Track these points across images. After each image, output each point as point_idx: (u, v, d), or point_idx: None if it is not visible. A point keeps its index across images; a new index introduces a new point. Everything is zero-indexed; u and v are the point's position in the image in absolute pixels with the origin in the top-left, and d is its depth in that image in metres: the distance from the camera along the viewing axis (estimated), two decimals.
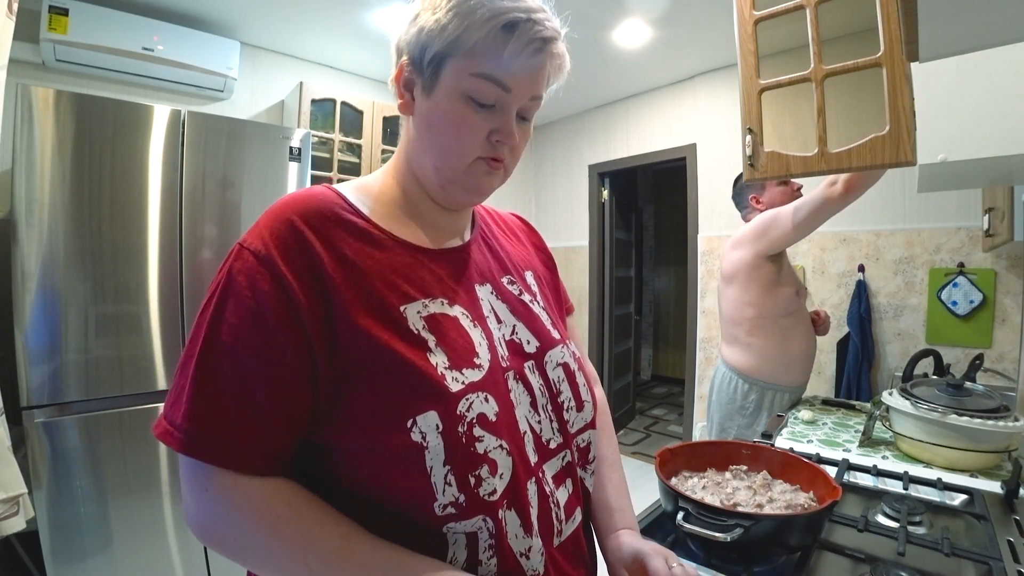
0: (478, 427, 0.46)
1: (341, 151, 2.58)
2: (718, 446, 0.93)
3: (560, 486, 0.55)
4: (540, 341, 0.58)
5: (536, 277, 0.66)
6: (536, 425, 0.53)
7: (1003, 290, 2.01)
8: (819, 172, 1.25)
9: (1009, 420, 1.03)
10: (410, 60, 0.50)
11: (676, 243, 5.04)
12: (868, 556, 0.73)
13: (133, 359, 1.61)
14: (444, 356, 0.47)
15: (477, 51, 0.47)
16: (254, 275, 0.44)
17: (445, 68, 0.48)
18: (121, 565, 1.58)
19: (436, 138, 0.51)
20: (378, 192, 0.55)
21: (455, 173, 0.52)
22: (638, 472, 3.06)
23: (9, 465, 1.18)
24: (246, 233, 0.47)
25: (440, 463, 0.43)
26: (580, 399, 0.59)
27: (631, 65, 2.80)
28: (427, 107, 0.50)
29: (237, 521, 0.44)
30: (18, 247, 1.44)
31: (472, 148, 0.50)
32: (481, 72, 0.48)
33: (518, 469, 0.48)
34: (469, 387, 0.47)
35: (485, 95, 0.48)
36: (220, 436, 0.43)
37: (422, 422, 0.43)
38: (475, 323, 0.52)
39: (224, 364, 0.43)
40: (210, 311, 0.45)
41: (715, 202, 2.89)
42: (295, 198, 0.49)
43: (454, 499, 0.44)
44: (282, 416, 0.44)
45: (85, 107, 1.53)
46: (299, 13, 2.27)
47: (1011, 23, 0.52)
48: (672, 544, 0.77)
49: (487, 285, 0.57)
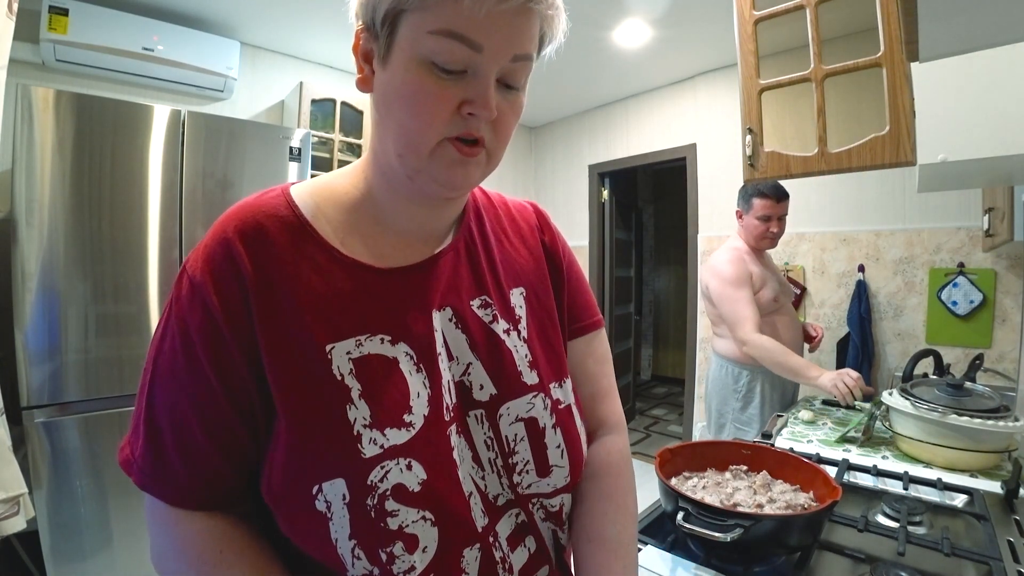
0: (391, 500, 0.40)
1: (341, 151, 2.58)
2: (718, 446, 0.93)
3: (517, 547, 0.48)
4: (499, 387, 0.48)
5: (529, 295, 0.53)
6: (480, 482, 0.46)
7: (1003, 290, 2.01)
8: (819, 172, 1.25)
9: (1009, 420, 1.03)
10: (364, 24, 0.41)
11: (676, 243, 5.04)
12: (868, 556, 0.73)
13: (133, 359, 1.61)
14: (366, 411, 0.41)
15: (439, 5, 0.37)
16: (187, 305, 0.41)
17: (400, 28, 0.38)
18: (121, 565, 1.58)
19: (394, 116, 0.41)
20: (341, 194, 0.47)
21: (419, 159, 0.41)
22: (638, 472, 3.01)
23: (9, 465, 1.18)
24: (192, 251, 0.44)
25: (345, 537, 0.39)
26: (547, 464, 0.48)
27: (631, 65, 2.80)
28: (383, 80, 0.41)
29: (179, 560, 0.42)
30: (18, 247, 1.44)
31: (435, 126, 0.39)
32: (441, 28, 0.37)
33: (451, 539, 0.42)
34: (388, 452, 0.41)
35: (450, 57, 0.38)
36: (164, 473, 0.42)
37: (328, 489, 0.39)
38: (419, 366, 0.44)
39: (163, 398, 0.42)
40: (156, 340, 0.43)
41: (715, 202, 2.89)
42: (240, 211, 0.44)
43: (367, 571, 0.40)
44: (221, 452, 0.41)
45: (85, 107, 1.53)
46: (299, 13, 2.27)
47: (1011, 23, 0.52)
48: (672, 544, 0.77)
49: (447, 309, 0.47)
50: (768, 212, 1.73)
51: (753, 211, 1.75)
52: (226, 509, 0.44)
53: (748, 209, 1.78)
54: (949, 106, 0.89)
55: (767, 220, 1.74)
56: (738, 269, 1.71)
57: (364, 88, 0.43)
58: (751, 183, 1.72)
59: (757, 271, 1.75)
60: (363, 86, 0.43)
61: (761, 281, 1.75)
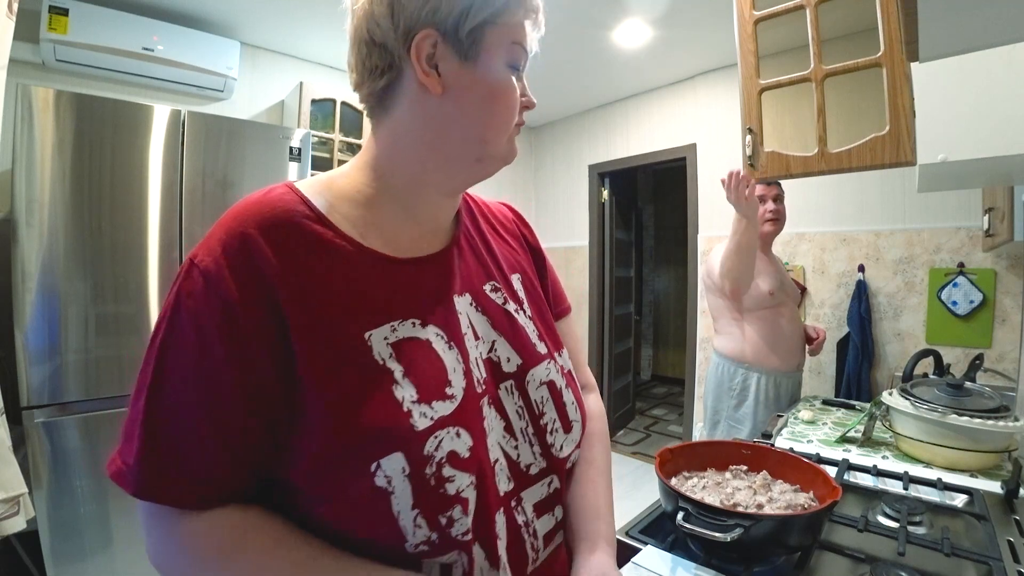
0: (448, 466, 0.42)
1: (341, 151, 2.58)
2: (718, 446, 0.93)
3: (544, 514, 0.52)
4: (522, 358, 0.54)
5: (524, 280, 0.61)
6: (512, 451, 0.50)
7: (1003, 290, 2.01)
8: (819, 172, 1.25)
9: (1009, 420, 1.03)
10: (439, 30, 0.45)
11: (676, 243, 5.04)
12: (868, 556, 0.73)
13: (133, 359, 1.61)
14: (412, 388, 0.43)
15: (515, 22, 0.48)
16: (201, 301, 0.40)
17: (486, 35, 0.46)
18: (121, 565, 1.58)
19: (486, 109, 0.48)
20: (353, 192, 0.49)
21: (501, 140, 0.50)
22: (638, 472, 3.06)
23: (9, 465, 1.18)
24: (198, 246, 0.43)
25: (408, 507, 0.40)
26: (567, 420, 0.55)
27: (631, 65, 2.80)
28: (471, 79, 0.47)
29: (187, 557, 0.42)
30: (18, 247, 1.44)
31: (516, 115, 0.50)
32: (517, 39, 0.48)
33: (486, 502, 0.45)
34: (438, 423, 0.43)
35: (520, 62, 0.49)
36: (168, 478, 0.40)
37: (387, 465, 0.40)
38: (450, 344, 0.48)
39: (170, 401, 0.40)
40: (159, 339, 0.41)
41: (715, 202, 2.89)
42: (252, 206, 0.44)
43: (426, 538, 0.42)
44: (232, 456, 0.41)
45: (85, 107, 1.53)
46: (299, 13, 2.27)
47: (1011, 23, 0.52)
48: (672, 544, 0.77)
49: (467, 295, 0.52)
50: (761, 193, 1.78)
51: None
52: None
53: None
54: (949, 106, 0.89)
55: (763, 201, 1.79)
56: None
57: (435, 90, 0.46)
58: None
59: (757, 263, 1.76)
60: (436, 90, 0.46)
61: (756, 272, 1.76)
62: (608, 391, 3.59)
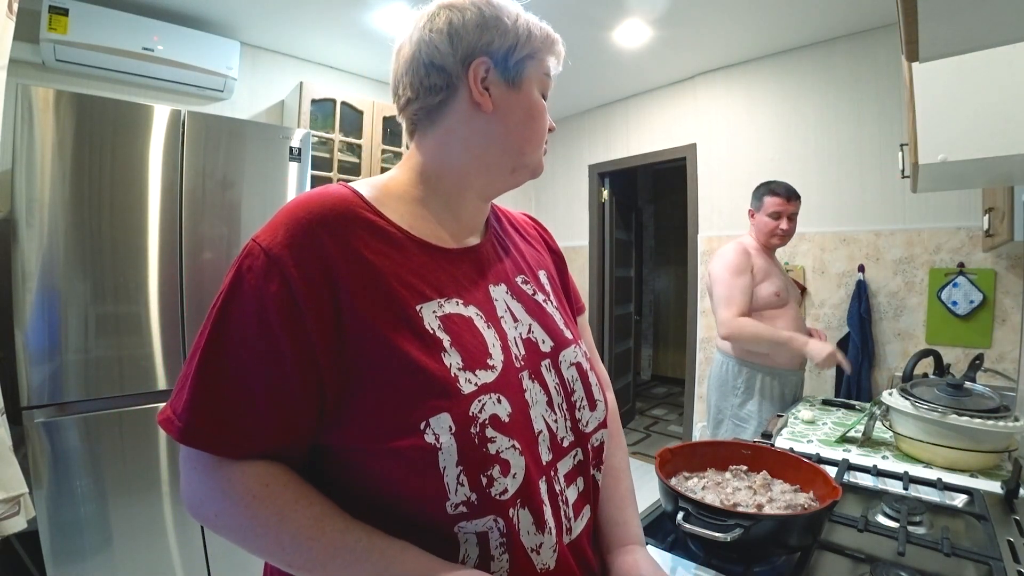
0: (490, 428, 0.47)
1: (341, 151, 2.58)
2: (718, 446, 0.93)
3: (571, 484, 0.56)
4: (554, 340, 0.60)
5: (549, 277, 0.68)
6: (553, 424, 0.55)
7: (1003, 290, 2.01)
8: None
9: (1009, 420, 1.03)
10: (492, 59, 0.55)
11: (676, 243, 5.04)
12: (868, 556, 0.73)
13: (133, 359, 1.61)
14: (458, 357, 0.48)
15: (546, 57, 0.59)
16: (262, 276, 0.44)
17: (527, 67, 0.56)
18: (121, 565, 1.58)
19: (527, 126, 0.57)
20: (401, 192, 0.56)
21: (536, 153, 0.59)
22: (638, 472, 3.04)
23: (9, 465, 1.18)
24: (261, 230, 0.48)
25: (453, 463, 0.44)
26: (593, 398, 0.61)
27: (631, 65, 2.80)
28: (514, 100, 0.56)
29: (220, 501, 0.46)
30: (18, 247, 1.44)
31: (546, 133, 0.60)
32: (548, 72, 0.59)
33: (530, 469, 0.49)
34: (481, 388, 0.48)
35: (547, 90, 0.60)
36: (215, 428, 0.45)
37: (435, 423, 0.44)
38: (488, 323, 0.53)
39: (225, 361, 0.45)
40: (218, 306, 0.46)
41: (715, 202, 2.89)
42: (313, 197, 0.49)
43: (466, 498, 0.45)
44: (280, 418, 0.45)
45: (85, 107, 1.53)
46: (299, 13, 2.27)
47: (1011, 23, 0.52)
48: (672, 544, 0.77)
49: (502, 285, 0.58)
50: (778, 209, 1.79)
51: (764, 208, 1.82)
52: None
53: (759, 207, 1.85)
54: (949, 106, 0.89)
55: (777, 217, 1.80)
56: (741, 259, 1.77)
57: (487, 108, 0.55)
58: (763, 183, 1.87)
59: (761, 264, 1.80)
60: (488, 107, 0.55)
61: (764, 274, 1.79)
62: None
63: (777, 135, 2.63)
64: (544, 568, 0.50)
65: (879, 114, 2.28)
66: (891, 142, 2.17)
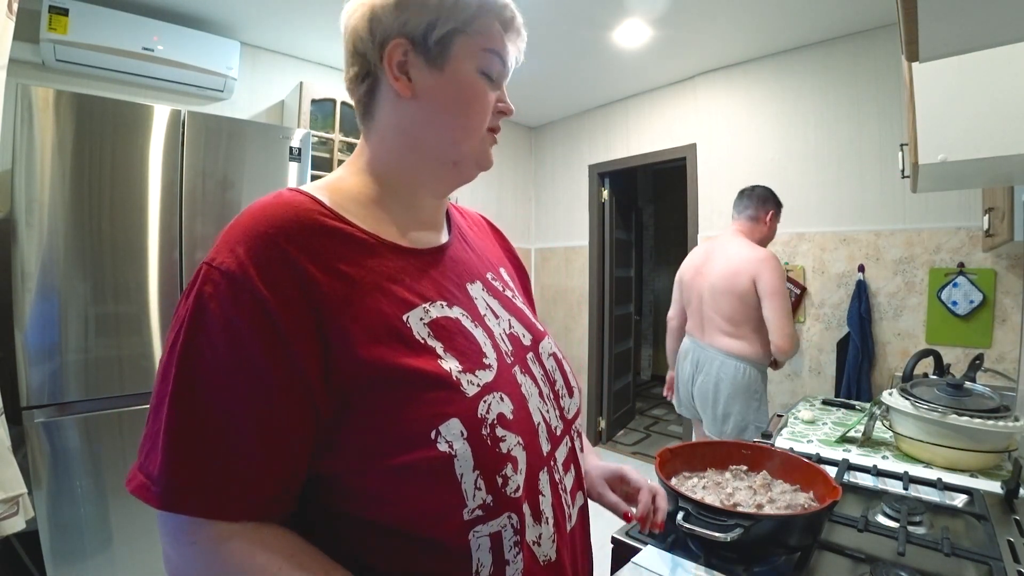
0: (499, 427, 0.46)
1: (341, 151, 2.58)
2: (718, 446, 0.93)
3: (568, 472, 0.56)
4: (531, 333, 0.60)
5: (509, 273, 0.68)
6: (546, 415, 0.55)
7: (1003, 290, 2.01)
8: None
9: (1009, 420, 1.03)
10: (408, 39, 0.49)
11: (676, 243, 5.03)
12: (868, 556, 0.73)
13: (133, 359, 1.61)
14: (455, 361, 0.46)
15: (487, 30, 0.51)
16: (229, 301, 0.39)
17: (454, 44, 0.50)
18: (121, 565, 1.58)
19: (454, 112, 0.51)
20: (356, 193, 0.52)
21: (472, 145, 0.53)
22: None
23: (9, 465, 1.17)
24: (212, 251, 0.42)
25: (470, 469, 0.43)
26: (570, 385, 0.61)
27: (631, 65, 2.80)
28: (439, 84, 0.50)
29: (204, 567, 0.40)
30: (18, 247, 1.44)
31: (486, 120, 0.53)
32: (492, 48, 0.51)
33: (532, 462, 0.49)
34: (484, 389, 0.47)
35: (493, 70, 0.52)
36: (205, 488, 0.39)
37: (446, 431, 0.42)
38: (475, 323, 0.52)
39: (202, 405, 0.39)
40: (180, 345, 0.40)
41: (715, 202, 2.89)
42: (269, 207, 0.44)
43: (483, 501, 0.44)
44: (278, 458, 0.41)
45: (85, 107, 1.53)
46: (299, 13, 2.27)
47: (1011, 23, 0.52)
48: (672, 544, 0.77)
49: (477, 283, 0.57)
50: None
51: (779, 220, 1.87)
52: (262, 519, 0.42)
53: (778, 216, 1.88)
54: (949, 106, 0.89)
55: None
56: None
57: (406, 94, 0.50)
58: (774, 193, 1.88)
59: None
60: (405, 93, 0.50)
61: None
62: (608, 391, 3.59)
63: (777, 135, 2.63)
64: (546, 560, 0.49)
65: (879, 114, 2.28)
66: (891, 142, 2.17)
